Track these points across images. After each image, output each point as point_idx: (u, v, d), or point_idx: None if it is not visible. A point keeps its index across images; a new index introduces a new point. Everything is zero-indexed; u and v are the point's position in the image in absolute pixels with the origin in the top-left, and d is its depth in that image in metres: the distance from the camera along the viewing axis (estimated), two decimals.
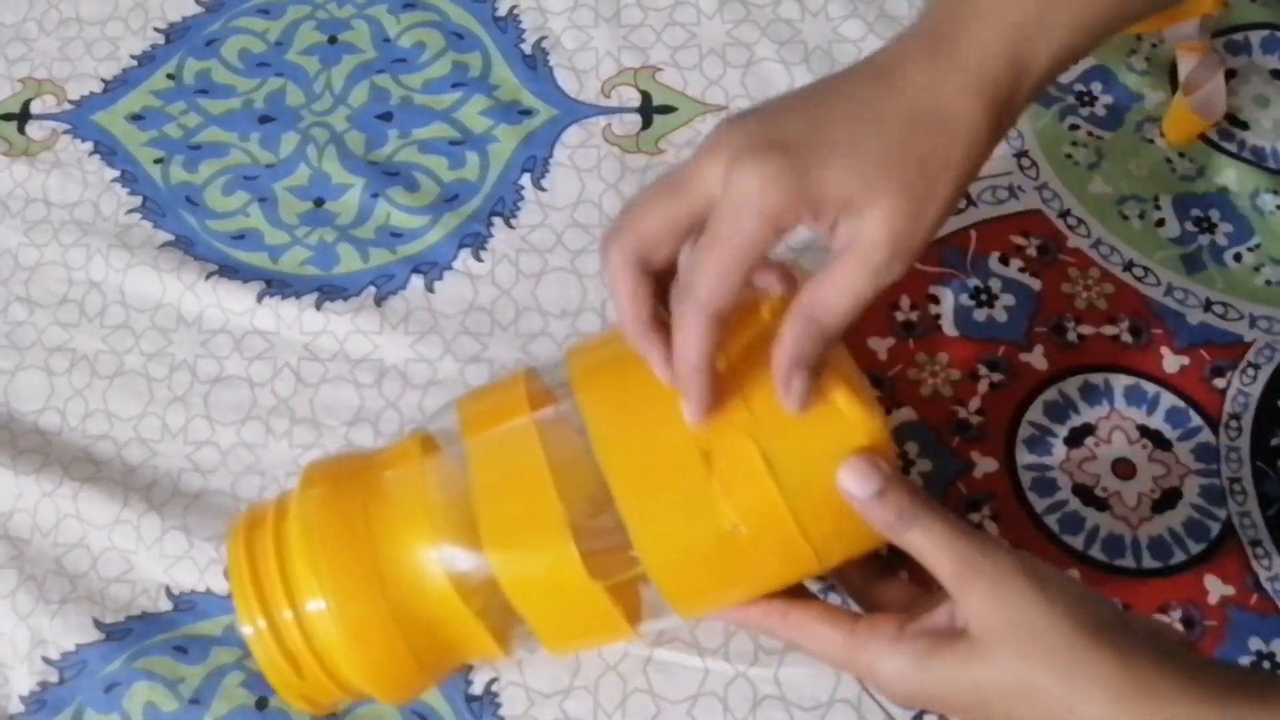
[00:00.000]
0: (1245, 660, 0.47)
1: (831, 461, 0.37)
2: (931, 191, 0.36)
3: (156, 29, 0.65)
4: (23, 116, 0.64)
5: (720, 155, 0.36)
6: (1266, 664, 0.47)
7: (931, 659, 0.36)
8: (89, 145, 0.63)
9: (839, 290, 0.36)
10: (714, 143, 0.36)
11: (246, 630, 0.41)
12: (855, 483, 0.36)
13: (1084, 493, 0.50)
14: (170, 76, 0.64)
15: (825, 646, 0.39)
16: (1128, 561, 0.49)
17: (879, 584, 0.41)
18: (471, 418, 0.42)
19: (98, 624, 0.52)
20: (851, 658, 0.38)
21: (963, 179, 0.36)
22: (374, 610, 0.40)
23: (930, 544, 0.37)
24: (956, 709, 0.37)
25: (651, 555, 0.38)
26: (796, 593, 0.40)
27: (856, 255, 0.36)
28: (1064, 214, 0.56)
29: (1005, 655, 0.35)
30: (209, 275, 0.58)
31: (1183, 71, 0.57)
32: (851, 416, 0.37)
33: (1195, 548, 0.49)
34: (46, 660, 0.51)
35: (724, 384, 0.37)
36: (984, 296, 0.54)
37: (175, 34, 0.65)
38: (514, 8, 0.63)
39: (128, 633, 0.52)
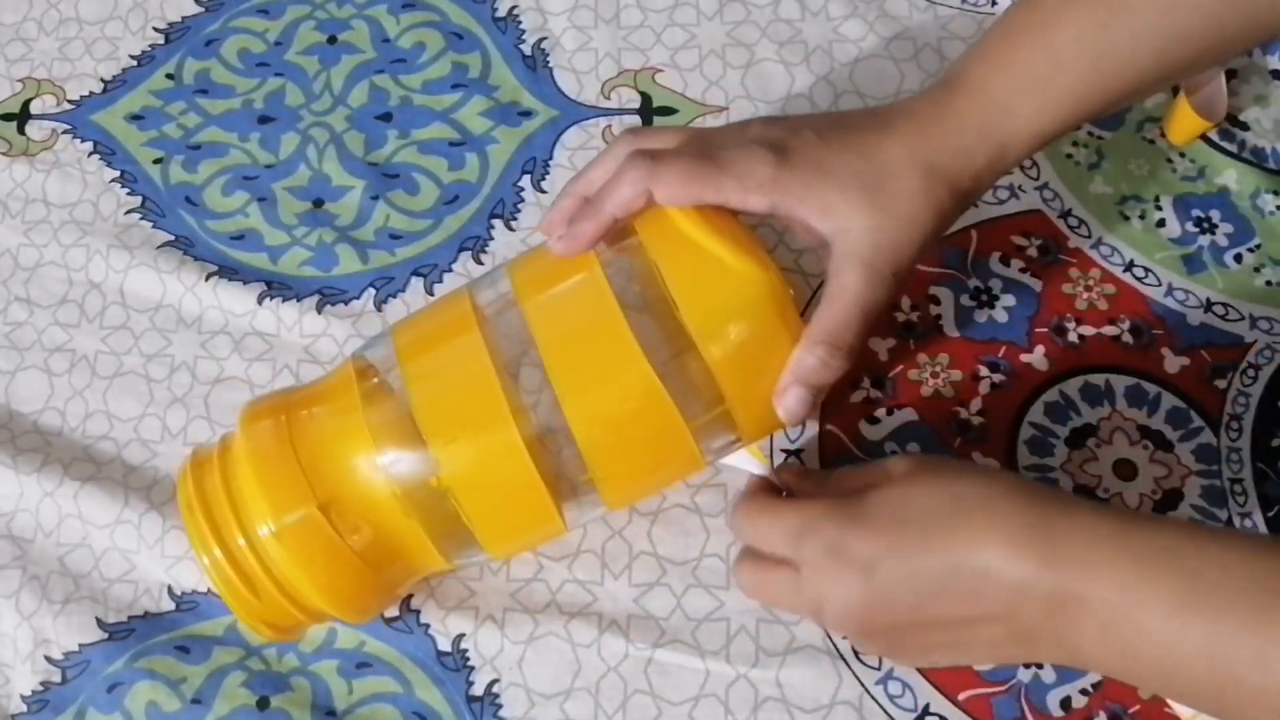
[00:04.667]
0: None
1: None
2: (905, 222, 0.42)
3: (156, 29, 0.65)
4: (22, 116, 0.64)
5: (746, 134, 0.44)
6: None
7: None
8: (88, 145, 0.63)
9: (842, 308, 0.42)
10: (743, 127, 0.44)
11: (203, 561, 0.44)
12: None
13: (1085, 493, 0.50)
14: (170, 76, 0.64)
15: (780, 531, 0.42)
16: None
17: None
18: (410, 337, 0.45)
19: (100, 624, 0.52)
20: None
21: (926, 229, 0.43)
22: (317, 526, 0.43)
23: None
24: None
25: (578, 420, 0.41)
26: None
27: (852, 268, 0.42)
28: (1065, 214, 0.56)
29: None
30: (209, 276, 0.58)
31: None
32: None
33: None
34: (49, 660, 0.51)
35: None
36: (984, 297, 0.54)
37: (175, 34, 0.65)
38: (514, 8, 0.63)
39: (130, 632, 0.52)
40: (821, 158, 0.42)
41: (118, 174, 0.62)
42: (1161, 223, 0.55)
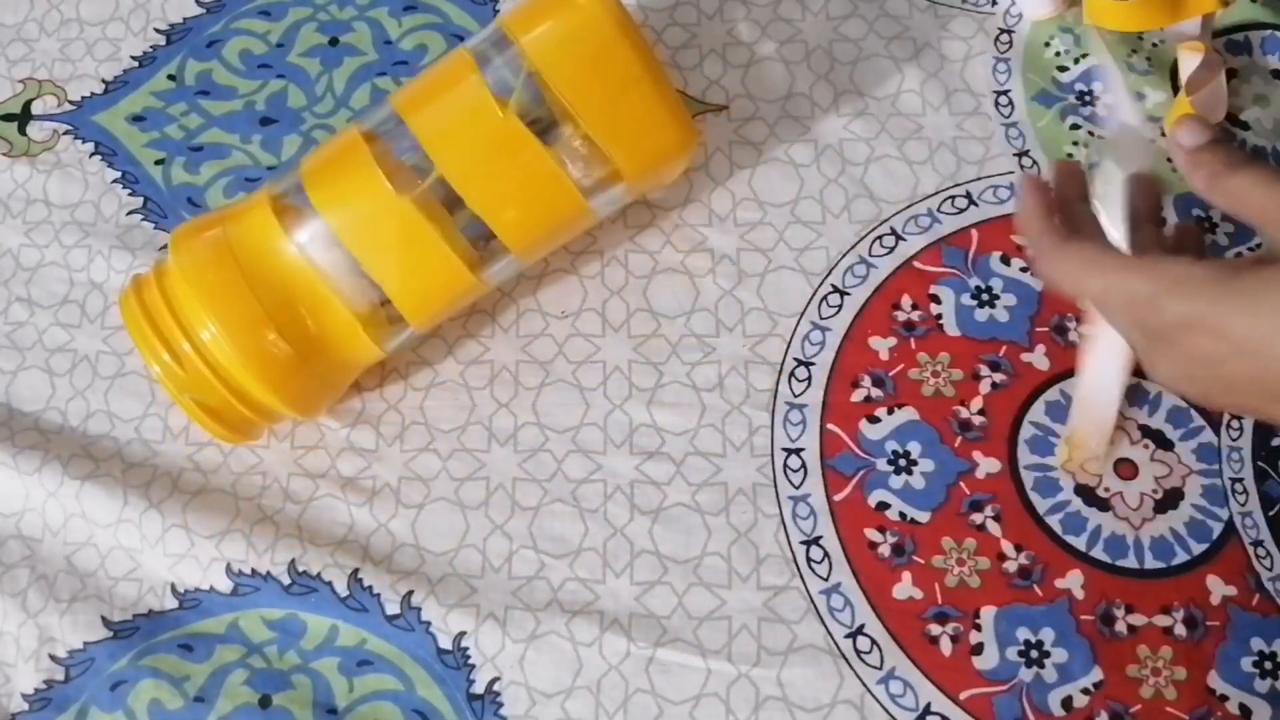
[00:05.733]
0: (1247, 661, 0.47)
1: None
2: None
3: (157, 30, 0.65)
4: (24, 117, 0.64)
5: None
6: (1268, 664, 0.47)
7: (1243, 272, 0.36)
8: (90, 146, 0.63)
9: None
10: None
11: (154, 370, 0.49)
12: (1188, 136, 0.40)
13: (1086, 493, 0.50)
14: (171, 78, 0.64)
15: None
16: (1130, 562, 0.49)
17: None
18: (313, 164, 0.50)
19: (106, 622, 0.52)
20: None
21: None
22: (255, 319, 0.48)
23: (1253, 185, 0.38)
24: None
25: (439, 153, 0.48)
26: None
27: None
28: None
29: None
30: None
31: (1184, 71, 0.57)
32: None
33: (1197, 548, 0.49)
34: (54, 658, 0.51)
35: None
36: (985, 296, 0.54)
37: (176, 35, 0.65)
38: None
39: (135, 630, 0.52)
40: None
41: (119, 175, 0.62)
42: (1163, 222, 0.55)
